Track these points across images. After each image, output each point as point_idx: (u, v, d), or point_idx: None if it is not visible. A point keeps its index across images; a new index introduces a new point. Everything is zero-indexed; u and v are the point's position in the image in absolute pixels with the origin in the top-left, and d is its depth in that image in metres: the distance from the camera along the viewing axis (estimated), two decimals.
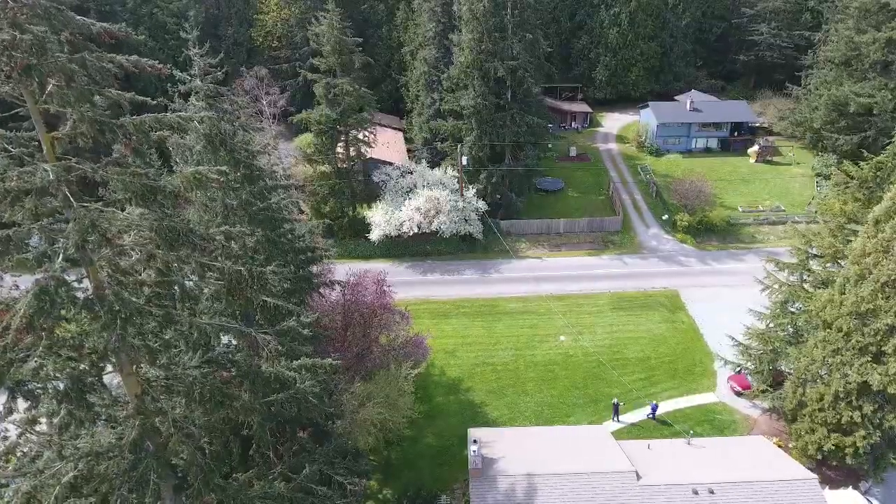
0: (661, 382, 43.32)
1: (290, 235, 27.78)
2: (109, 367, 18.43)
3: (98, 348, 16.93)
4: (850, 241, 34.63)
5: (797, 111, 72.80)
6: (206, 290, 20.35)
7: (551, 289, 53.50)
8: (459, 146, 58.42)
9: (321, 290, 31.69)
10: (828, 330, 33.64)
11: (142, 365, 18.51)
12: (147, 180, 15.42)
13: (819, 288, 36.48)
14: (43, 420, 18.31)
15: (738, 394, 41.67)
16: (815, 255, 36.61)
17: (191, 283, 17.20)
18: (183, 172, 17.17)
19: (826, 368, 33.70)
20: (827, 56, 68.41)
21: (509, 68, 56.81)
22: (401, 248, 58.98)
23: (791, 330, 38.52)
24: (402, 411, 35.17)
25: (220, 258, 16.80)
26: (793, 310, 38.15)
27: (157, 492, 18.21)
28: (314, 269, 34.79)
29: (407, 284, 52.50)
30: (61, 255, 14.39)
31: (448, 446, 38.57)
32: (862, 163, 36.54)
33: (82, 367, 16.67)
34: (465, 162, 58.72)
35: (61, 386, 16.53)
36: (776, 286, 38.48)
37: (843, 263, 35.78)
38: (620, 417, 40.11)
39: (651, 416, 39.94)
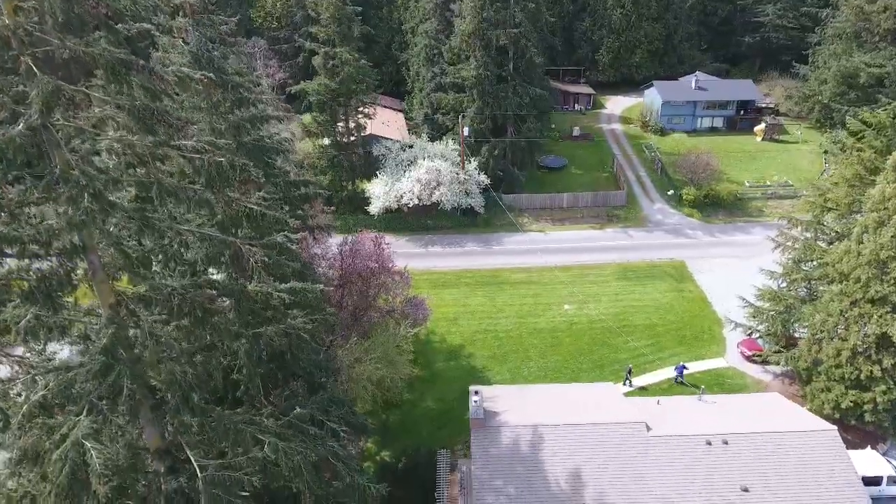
0: (669, 348, 41.91)
1: (283, 174, 26.47)
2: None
3: (66, 245, 15.65)
4: (866, 192, 33.25)
5: (805, 86, 71.41)
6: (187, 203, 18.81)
7: (555, 260, 52.13)
8: (461, 116, 57.19)
9: (315, 235, 30.29)
10: (845, 282, 32.27)
11: (116, 275, 17.20)
12: (119, 53, 14.14)
13: (834, 243, 35.08)
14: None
15: (749, 359, 40.22)
16: (830, 209, 35.17)
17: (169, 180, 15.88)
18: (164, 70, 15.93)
19: (843, 322, 32.32)
20: (836, 29, 67.09)
21: (511, 36, 55.62)
22: (401, 221, 57.71)
23: (804, 291, 37.17)
24: (400, 369, 33.85)
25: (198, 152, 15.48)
26: (806, 268, 36.75)
27: (134, 407, 16.87)
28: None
29: (407, 256, 50.77)
30: (22, 124, 13.10)
31: (448, 410, 37.18)
32: (878, 110, 35.23)
33: (50, 264, 15.37)
34: (466, 133, 57.44)
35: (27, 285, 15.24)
36: (789, 244, 37.09)
37: (857, 218, 34.38)
38: (628, 382, 38.65)
39: (679, 379, 38.23)
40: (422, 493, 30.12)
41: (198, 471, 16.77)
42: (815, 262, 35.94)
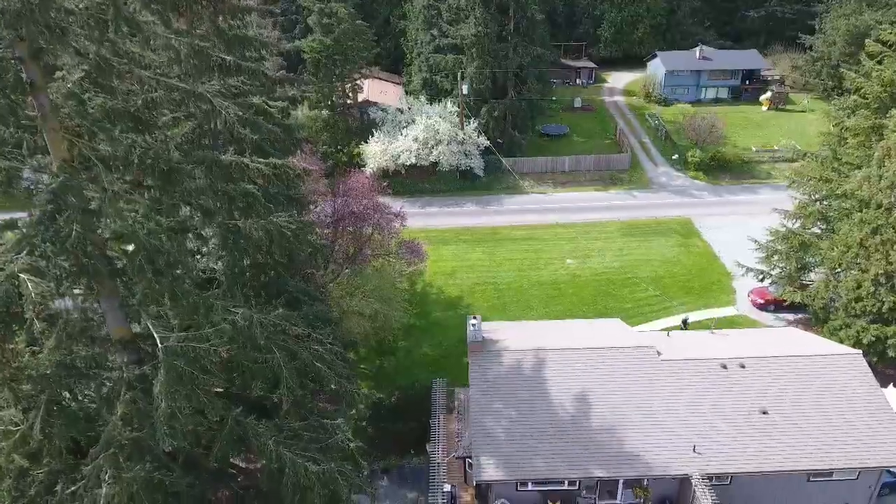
0: (677, 298, 40.08)
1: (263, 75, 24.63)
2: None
3: (10, 80, 13.90)
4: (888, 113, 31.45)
5: (814, 48, 69.73)
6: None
7: (558, 219, 50.35)
8: (460, 73, 55.50)
9: (302, 148, 28.51)
10: (865, 210, 30.47)
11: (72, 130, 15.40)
12: None
13: (851, 175, 33.23)
14: None
15: (761, 307, 38.38)
16: (847, 139, 33.36)
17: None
18: None
19: (864, 252, 30.46)
20: None
21: None
22: (398, 184, 55.78)
23: (819, 230, 35.34)
24: (394, 306, 32.03)
25: None
26: (821, 206, 34.93)
27: (88, 271, 15.03)
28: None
29: None
30: None
31: (446, 355, 35.37)
32: None
33: None
34: (465, 91, 55.73)
35: None
36: (804, 181, 35.28)
37: (876, 145, 32.54)
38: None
39: None
40: (417, 425, 28.22)
41: (158, 341, 14.94)
42: (831, 199, 34.13)
